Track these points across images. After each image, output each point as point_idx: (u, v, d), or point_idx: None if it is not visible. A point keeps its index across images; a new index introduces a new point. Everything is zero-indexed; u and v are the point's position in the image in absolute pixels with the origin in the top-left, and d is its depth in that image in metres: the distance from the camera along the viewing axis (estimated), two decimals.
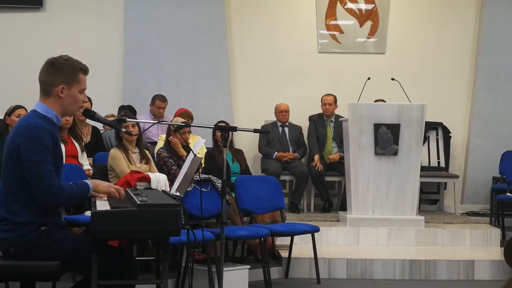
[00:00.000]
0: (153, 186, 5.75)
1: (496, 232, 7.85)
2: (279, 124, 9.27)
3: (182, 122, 6.93)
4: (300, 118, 9.41)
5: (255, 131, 4.82)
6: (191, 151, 4.99)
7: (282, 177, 8.84)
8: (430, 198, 9.74)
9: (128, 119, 5.12)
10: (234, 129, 4.66)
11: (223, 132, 4.93)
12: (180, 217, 3.66)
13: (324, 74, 9.78)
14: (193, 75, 9.52)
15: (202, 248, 6.27)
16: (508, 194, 8.32)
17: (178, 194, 4.63)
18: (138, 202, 3.62)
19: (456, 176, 9.35)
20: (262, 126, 9.13)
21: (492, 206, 8.72)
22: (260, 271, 6.36)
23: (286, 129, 9.28)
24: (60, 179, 3.57)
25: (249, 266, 6.27)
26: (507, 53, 9.68)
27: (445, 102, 9.68)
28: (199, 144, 5.91)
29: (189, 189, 6.09)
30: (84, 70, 3.63)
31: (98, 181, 3.78)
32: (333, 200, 9.15)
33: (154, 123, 6.38)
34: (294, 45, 9.84)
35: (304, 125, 9.38)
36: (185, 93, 9.38)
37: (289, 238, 6.76)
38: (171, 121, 7.58)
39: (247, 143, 9.43)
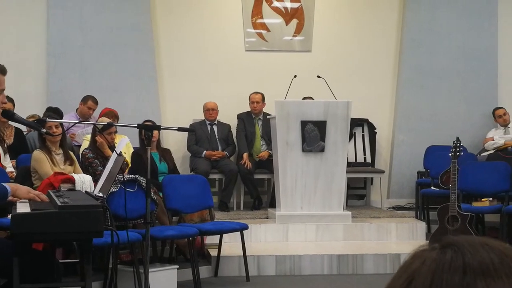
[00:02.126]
0: (78, 187, 5.67)
1: (422, 226, 8.02)
2: (208, 122, 9.25)
3: (107, 122, 6.85)
4: (228, 116, 9.41)
5: (180, 129, 4.81)
6: (114, 151, 4.94)
7: (211, 176, 8.83)
8: (357, 194, 9.89)
9: (49, 119, 5.03)
10: (158, 127, 4.64)
11: (146, 131, 4.89)
12: (103, 218, 3.62)
13: (252, 72, 9.81)
14: (119, 74, 9.42)
15: (130, 249, 6.21)
16: (432, 188, 8.51)
17: (101, 194, 4.57)
18: (59, 204, 3.57)
19: (382, 171, 9.51)
20: (190, 125, 9.09)
21: (417, 200, 8.91)
22: (189, 270, 6.34)
23: (215, 128, 9.27)
24: None
25: (177, 266, 6.25)
26: (429, 50, 9.89)
27: (370, 99, 9.84)
28: (123, 143, 5.86)
29: (115, 189, 6.03)
30: (2, 70, 3.55)
31: (17, 185, 3.71)
32: (262, 198, 9.19)
33: (76, 123, 6.29)
34: (222, 44, 9.84)
35: (233, 123, 9.39)
36: (111, 92, 9.26)
37: (218, 236, 6.76)
38: (96, 121, 7.48)
39: (175, 142, 9.38)
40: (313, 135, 7.81)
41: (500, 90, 10.00)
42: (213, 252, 6.93)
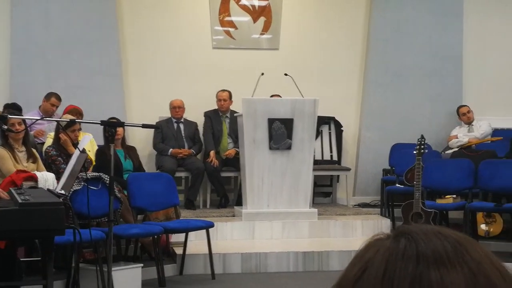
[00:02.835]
0: (41, 185, 5.59)
1: (386, 223, 8.08)
2: (174, 120, 9.20)
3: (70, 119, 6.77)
4: (195, 114, 9.37)
5: (144, 126, 4.77)
6: (77, 148, 4.88)
7: (178, 174, 8.79)
8: (323, 191, 9.92)
9: (10, 116, 4.95)
10: (122, 124, 4.60)
11: (109, 128, 4.84)
12: (65, 216, 3.58)
13: (219, 70, 9.77)
14: (84, 72, 9.31)
15: (93, 247, 6.15)
16: (397, 185, 8.56)
17: (63, 192, 4.51)
18: (20, 201, 3.52)
19: (348, 169, 9.55)
20: (156, 123, 9.02)
21: (382, 198, 8.95)
22: (154, 269, 6.31)
23: (181, 126, 9.22)
24: None
25: (142, 265, 6.21)
26: (395, 49, 9.95)
27: (337, 97, 9.86)
28: (86, 140, 5.80)
29: (79, 187, 5.96)
30: None
31: None
32: (229, 196, 9.17)
33: (38, 119, 6.21)
34: (189, 41, 9.79)
35: (200, 121, 9.35)
36: (75, 89, 9.15)
37: (184, 234, 6.73)
38: (60, 118, 7.39)
39: (141, 140, 9.32)
40: (280, 132, 7.82)
41: (464, 88, 10.10)
42: (179, 250, 6.89)
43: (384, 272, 0.81)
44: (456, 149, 9.06)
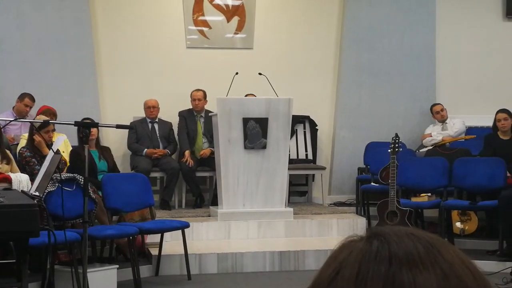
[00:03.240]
0: (15, 187, 5.56)
1: (362, 221, 8.12)
2: (149, 120, 9.17)
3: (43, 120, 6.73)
4: (170, 114, 9.35)
5: (118, 126, 4.76)
6: (51, 149, 4.85)
7: (153, 174, 8.76)
8: (299, 190, 9.94)
9: None
10: (96, 125, 4.58)
11: (83, 128, 4.82)
12: (39, 218, 3.55)
13: (194, 70, 9.75)
14: (57, 72, 9.25)
15: (68, 249, 6.11)
16: (372, 184, 8.61)
17: (37, 193, 4.48)
18: None
19: (323, 168, 9.59)
20: (131, 123, 8.98)
21: (357, 196, 8.99)
22: (130, 270, 6.29)
23: (156, 125, 9.19)
24: None
25: (117, 266, 6.19)
26: (369, 48, 10.00)
27: (312, 96, 9.89)
28: (59, 141, 5.77)
29: (53, 189, 5.92)
30: None
31: None
32: (204, 196, 9.16)
33: (12, 120, 6.16)
34: (163, 41, 9.76)
35: (174, 121, 9.33)
36: (49, 90, 9.08)
37: (159, 235, 6.71)
38: (34, 120, 7.34)
39: (116, 140, 9.28)
40: (255, 132, 7.83)
41: (438, 87, 10.18)
42: (154, 251, 6.87)
43: (358, 273, 0.82)
44: (430, 148, 9.12)
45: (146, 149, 8.90)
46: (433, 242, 0.85)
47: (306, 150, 9.90)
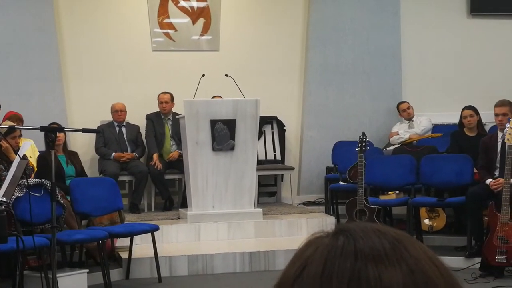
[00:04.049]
0: None
1: (331, 220, 8.16)
2: (116, 124, 9.12)
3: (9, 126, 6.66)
4: (137, 117, 9.31)
5: (84, 130, 4.72)
6: (17, 154, 4.80)
7: (121, 178, 8.72)
8: (268, 191, 9.96)
9: None
10: (62, 129, 4.53)
11: (50, 133, 4.78)
12: (6, 223, 3.52)
13: (160, 72, 9.72)
14: (23, 77, 9.15)
15: (38, 254, 6.06)
16: (340, 182, 8.64)
17: (4, 199, 4.43)
18: None
19: (292, 168, 9.61)
20: (98, 127, 8.92)
21: (326, 195, 9.02)
22: (100, 274, 6.25)
23: (124, 129, 9.15)
24: None
25: (87, 270, 6.16)
26: (334, 48, 10.05)
27: (279, 97, 9.92)
28: (26, 146, 5.71)
29: (21, 194, 5.87)
30: None
31: None
32: (174, 198, 9.14)
33: None
34: (128, 44, 9.71)
35: (142, 124, 9.29)
36: (15, 95, 8.99)
37: (129, 239, 6.68)
38: (0, 125, 7.26)
39: (83, 144, 9.21)
40: (223, 133, 7.82)
41: (404, 85, 10.26)
42: (124, 255, 6.84)
43: (323, 269, 0.82)
44: (398, 146, 9.20)
45: (114, 153, 8.85)
46: (399, 238, 0.85)
47: (274, 151, 9.93)
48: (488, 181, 6.90)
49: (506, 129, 6.56)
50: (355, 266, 0.81)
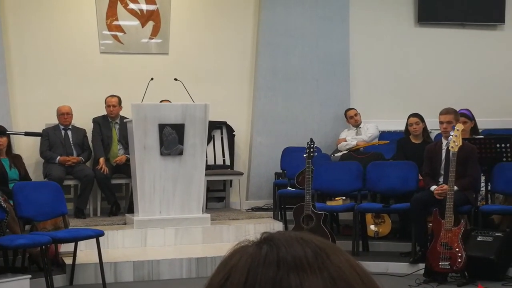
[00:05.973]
0: None
1: (279, 225, 8.18)
2: (62, 127, 8.98)
3: None
4: (83, 120, 9.18)
5: (27, 134, 4.65)
6: None
7: (66, 182, 8.59)
8: (217, 196, 9.93)
9: None
10: (4, 132, 4.44)
11: None
12: None
13: (108, 75, 9.62)
14: None
15: None
16: (288, 188, 8.67)
17: None
18: None
19: (241, 173, 9.61)
20: (43, 130, 8.78)
21: (274, 201, 9.04)
22: (43, 280, 6.16)
23: (69, 132, 9.01)
24: None
25: (30, 276, 6.06)
26: (284, 53, 10.08)
27: (228, 102, 9.90)
28: None
29: None
30: None
31: None
32: (120, 203, 9.03)
33: None
34: (76, 46, 9.58)
35: (88, 127, 9.16)
36: None
37: (74, 244, 6.58)
38: None
39: (28, 148, 9.04)
40: (171, 138, 7.78)
41: (352, 92, 10.35)
42: (68, 260, 6.74)
43: (246, 279, 0.82)
44: (345, 152, 9.27)
45: (59, 157, 8.71)
46: (322, 247, 0.85)
47: (223, 156, 9.90)
48: (433, 187, 7.00)
49: (451, 136, 6.66)
50: (277, 274, 0.81)
